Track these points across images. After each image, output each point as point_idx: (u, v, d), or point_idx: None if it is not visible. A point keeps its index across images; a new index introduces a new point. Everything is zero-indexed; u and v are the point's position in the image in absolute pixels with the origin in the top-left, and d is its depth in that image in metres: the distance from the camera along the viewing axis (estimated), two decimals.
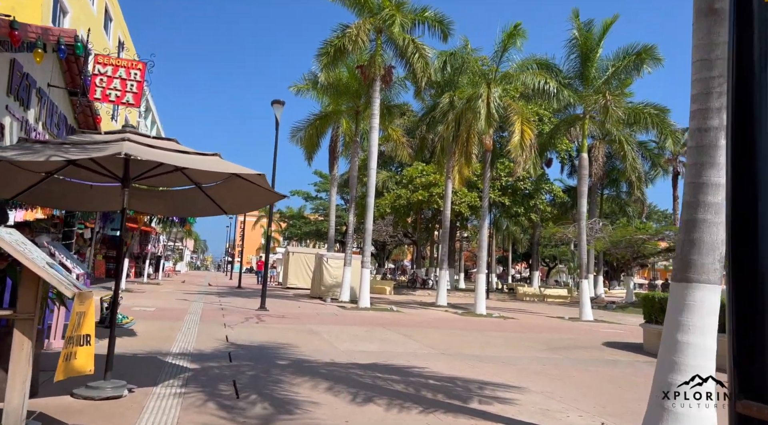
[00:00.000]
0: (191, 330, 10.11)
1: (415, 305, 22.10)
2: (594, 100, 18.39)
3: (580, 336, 13.15)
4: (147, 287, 24.52)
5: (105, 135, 4.75)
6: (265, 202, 6.04)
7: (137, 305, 14.58)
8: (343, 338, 10.18)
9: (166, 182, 6.22)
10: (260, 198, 5.96)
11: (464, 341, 10.87)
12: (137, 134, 4.88)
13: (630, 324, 18.50)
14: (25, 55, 7.59)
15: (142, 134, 5.03)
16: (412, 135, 27.56)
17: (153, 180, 6.12)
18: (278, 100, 15.57)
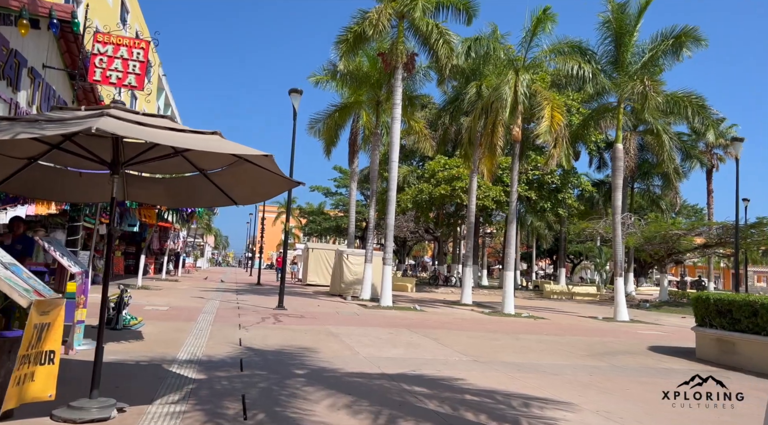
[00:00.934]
0: (203, 332, 9.42)
1: (439, 303, 21.24)
2: (631, 86, 17.23)
3: (621, 339, 12.16)
4: (165, 283, 24.09)
5: (87, 111, 3.99)
6: (279, 190, 5.25)
7: (151, 303, 14.00)
8: (366, 342, 9.39)
9: (166, 168, 5.48)
10: (273, 186, 5.17)
11: (497, 345, 9.99)
12: (125, 111, 4.12)
13: (670, 325, 17.41)
14: (11, 29, 6.91)
15: (131, 111, 4.27)
16: (434, 128, 26.64)
17: (150, 167, 5.38)
18: (296, 88, 14.81)
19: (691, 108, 18.01)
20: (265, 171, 4.91)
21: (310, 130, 22.73)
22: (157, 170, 5.62)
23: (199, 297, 17.09)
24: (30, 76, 7.83)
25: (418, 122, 21.71)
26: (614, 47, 18.65)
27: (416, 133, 21.58)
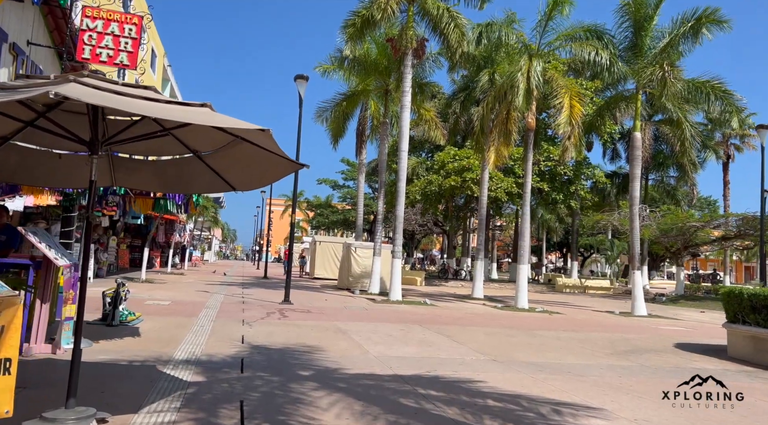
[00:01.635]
0: (204, 329, 8.93)
1: (450, 297, 20.69)
2: (650, 72, 16.50)
3: (644, 336, 11.55)
4: (170, 277, 23.71)
5: (56, 78, 3.45)
6: (281, 173, 4.69)
7: (152, 297, 13.57)
8: (376, 339, 8.86)
9: (156, 149, 4.95)
10: (274, 168, 4.62)
11: (515, 343, 9.43)
12: (100, 79, 3.58)
13: (690, 320, 16.77)
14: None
15: (108, 80, 3.72)
16: (444, 118, 25.99)
17: (137, 147, 4.85)
18: (302, 75, 14.23)
19: (714, 94, 17.26)
20: (265, 152, 4.36)
21: (317, 118, 22.13)
22: (146, 151, 5.09)
23: (204, 291, 16.64)
24: (12, 52, 7.30)
25: (428, 110, 21.07)
26: (632, 32, 17.90)
27: (426, 122, 20.94)
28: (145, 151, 5.09)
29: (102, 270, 20.41)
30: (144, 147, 4.85)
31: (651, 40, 17.63)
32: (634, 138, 18.15)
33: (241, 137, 4.33)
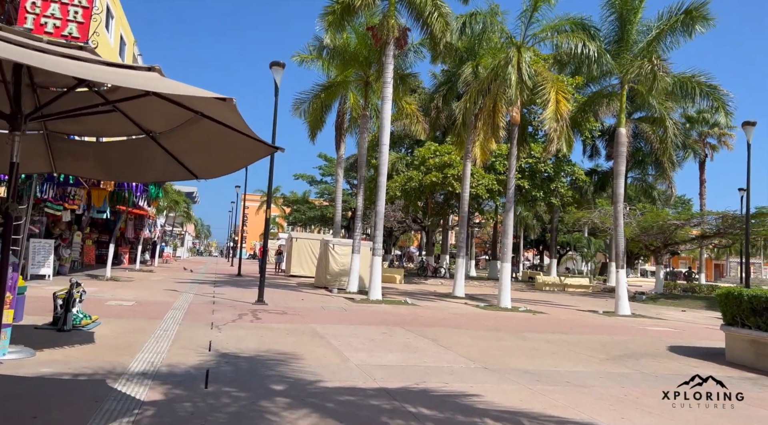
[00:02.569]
0: (168, 334, 8.14)
1: (430, 296, 20.13)
2: (637, 65, 16.13)
3: (635, 338, 11.12)
4: (138, 274, 22.63)
5: None
6: (250, 157, 3.98)
7: (116, 297, 12.66)
8: (356, 344, 8.19)
9: (101, 128, 4.18)
10: (242, 152, 3.91)
11: (504, 347, 8.86)
12: (14, 32, 2.82)
13: (674, 319, 16.51)
14: None
15: (29, 35, 2.96)
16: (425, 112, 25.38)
17: (79, 126, 4.07)
18: (277, 62, 13.43)
19: (700, 90, 16.99)
20: (230, 132, 3.64)
21: (294, 111, 21.28)
22: (90, 130, 4.33)
23: (173, 290, 15.74)
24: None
25: (409, 104, 20.42)
26: (618, 25, 17.53)
27: (407, 115, 20.29)
28: (89, 130, 4.33)
29: (64, 267, 19.29)
30: (88, 126, 4.09)
31: (637, 34, 17.28)
32: (618, 134, 17.80)
33: (201, 113, 3.61)
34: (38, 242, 16.13)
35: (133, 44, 31.99)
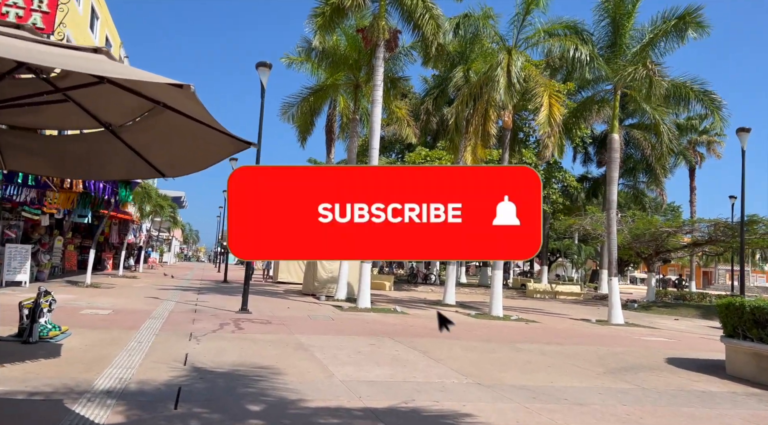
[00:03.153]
0: (142, 346, 7.66)
1: (421, 304, 19.72)
2: (632, 70, 15.90)
3: (631, 349, 10.77)
4: (120, 281, 22.02)
5: None
6: (219, 154, 3.56)
7: (93, 305, 12.12)
8: (342, 357, 7.75)
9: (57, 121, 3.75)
10: (209, 147, 3.50)
11: (497, 360, 8.46)
12: None
13: (668, 329, 16.23)
14: None
15: None
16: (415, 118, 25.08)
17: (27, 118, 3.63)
18: (264, 62, 13.03)
19: (694, 95, 16.81)
20: (196, 125, 3.23)
21: (283, 115, 20.84)
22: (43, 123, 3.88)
23: (154, 298, 15.20)
24: None
25: (400, 108, 20.07)
26: (611, 30, 17.35)
27: (398, 119, 19.94)
28: (41, 123, 3.89)
29: (43, 273, 18.64)
30: (40, 118, 3.66)
31: (630, 38, 17.09)
32: (612, 140, 17.56)
33: (163, 104, 3.19)
34: (14, 247, 15.54)
35: (119, 46, 31.45)
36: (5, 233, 16.06)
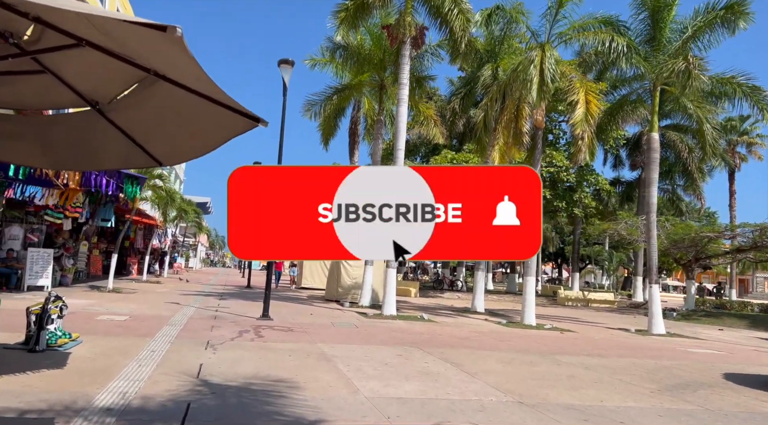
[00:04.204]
0: (155, 355, 7.16)
1: (448, 311, 18.98)
2: (671, 64, 14.99)
3: (681, 363, 9.89)
4: (144, 286, 21.83)
5: None
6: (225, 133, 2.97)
7: (110, 311, 11.74)
8: (368, 370, 7.12)
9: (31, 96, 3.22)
10: (212, 126, 2.94)
11: (538, 375, 7.72)
12: None
13: (714, 340, 15.21)
14: None
15: None
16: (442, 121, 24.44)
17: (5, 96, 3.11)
18: (286, 59, 12.58)
19: (740, 91, 15.79)
20: (195, 99, 2.67)
21: (305, 113, 20.38)
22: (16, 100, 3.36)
23: (175, 303, 14.83)
24: None
25: (428, 107, 19.43)
26: (650, 24, 16.48)
27: (425, 119, 19.29)
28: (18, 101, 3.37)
29: (66, 278, 18.48)
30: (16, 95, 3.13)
31: (671, 32, 16.18)
32: (651, 139, 16.62)
33: (154, 72, 2.63)
34: (36, 251, 15.35)
35: None
36: (27, 237, 15.91)
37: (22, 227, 16.06)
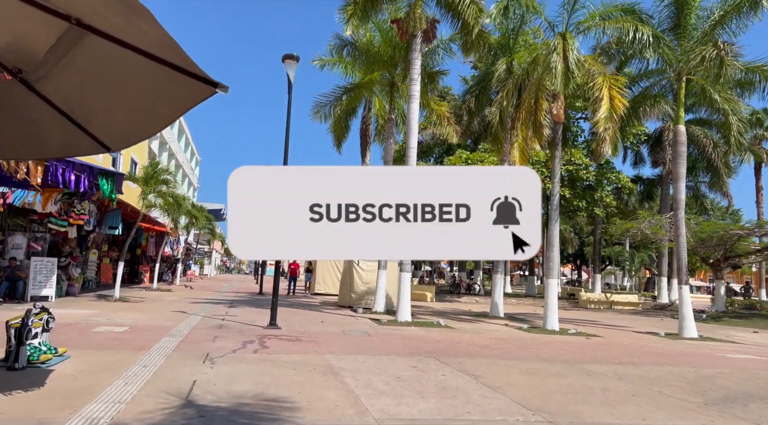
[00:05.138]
0: (146, 371, 6.56)
1: (465, 316, 18.22)
2: (699, 51, 14.12)
3: (724, 371, 9.05)
4: (153, 294, 21.41)
5: None
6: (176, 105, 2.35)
7: (112, 321, 11.22)
8: (378, 385, 6.44)
9: None
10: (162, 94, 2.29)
11: (567, 388, 6.97)
12: None
13: (751, 344, 14.27)
14: None
15: None
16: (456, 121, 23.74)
17: None
18: (291, 54, 11.98)
19: None
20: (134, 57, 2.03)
21: (315, 115, 19.79)
22: None
23: (181, 312, 14.29)
24: None
25: (440, 105, 18.72)
26: (674, 10, 15.64)
27: (438, 117, 18.58)
28: None
29: (74, 287, 18.08)
30: None
31: (697, 19, 15.33)
32: (678, 132, 15.73)
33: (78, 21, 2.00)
34: (39, 260, 14.93)
35: None
36: (30, 246, 15.51)
37: (25, 236, 15.67)
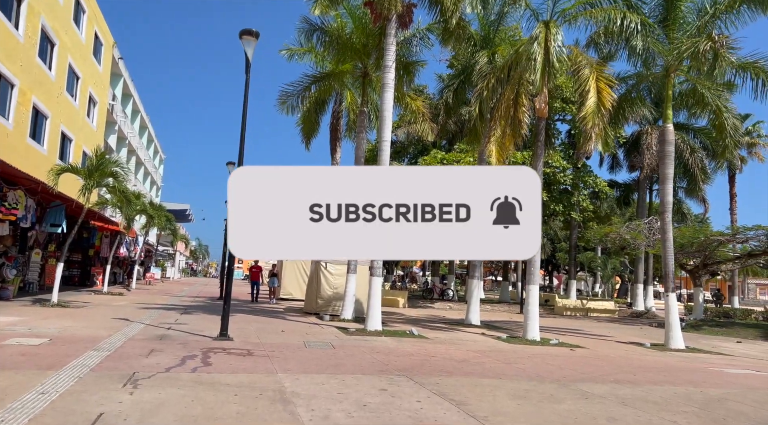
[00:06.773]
0: (41, 399, 5.15)
1: (440, 324, 17.06)
2: (691, 43, 13.30)
3: (729, 391, 8.03)
4: (102, 298, 19.67)
5: None
6: None
7: (33, 332, 9.67)
8: (338, 417, 5.15)
9: None
10: None
11: (567, 416, 5.80)
12: None
13: (742, 356, 13.48)
14: None
15: None
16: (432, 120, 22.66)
17: None
18: (249, 30, 10.61)
19: (763, 76, 14.15)
20: None
21: (281, 106, 18.30)
22: None
23: (124, 319, 12.74)
24: None
25: (414, 99, 17.56)
26: (663, 3, 14.85)
27: (413, 113, 17.41)
28: None
29: (7, 291, 16.22)
30: None
31: (687, 11, 14.56)
32: (666, 131, 14.93)
33: None
34: None
35: (111, 46, 29.46)
36: None
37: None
